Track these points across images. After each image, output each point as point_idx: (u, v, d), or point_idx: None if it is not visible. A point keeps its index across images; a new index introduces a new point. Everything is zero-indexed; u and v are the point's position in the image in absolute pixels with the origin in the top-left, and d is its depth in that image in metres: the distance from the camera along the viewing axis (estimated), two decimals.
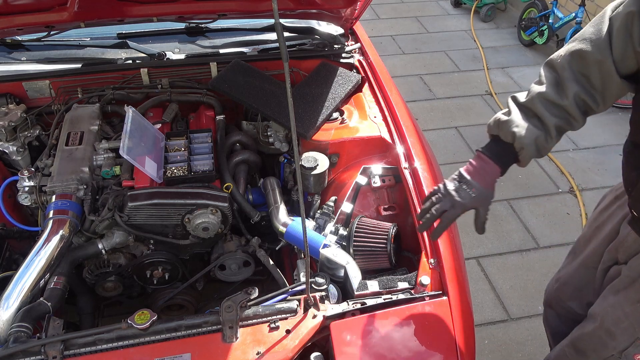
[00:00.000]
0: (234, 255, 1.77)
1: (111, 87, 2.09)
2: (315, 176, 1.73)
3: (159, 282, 1.83)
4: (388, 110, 1.96)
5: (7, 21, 1.88)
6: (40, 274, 1.47)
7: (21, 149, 1.95)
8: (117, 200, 1.67)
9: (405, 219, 1.70)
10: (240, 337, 1.30)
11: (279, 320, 1.34)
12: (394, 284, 1.45)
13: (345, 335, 1.30)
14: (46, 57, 2.23)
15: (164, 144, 1.87)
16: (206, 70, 2.17)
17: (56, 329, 1.31)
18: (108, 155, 1.83)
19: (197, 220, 1.66)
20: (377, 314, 1.35)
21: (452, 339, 1.31)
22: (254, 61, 2.17)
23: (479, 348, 2.42)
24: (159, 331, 1.30)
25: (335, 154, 1.86)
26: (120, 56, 2.25)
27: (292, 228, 1.65)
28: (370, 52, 2.26)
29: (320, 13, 2.18)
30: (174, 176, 1.76)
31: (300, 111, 1.90)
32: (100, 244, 1.69)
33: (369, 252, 1.54)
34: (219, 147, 1.91)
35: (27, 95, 2.08)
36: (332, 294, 1.44)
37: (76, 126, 1.89)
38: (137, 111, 1.85)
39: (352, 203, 1.71)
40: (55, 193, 1.66)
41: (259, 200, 1.89)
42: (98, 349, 1.28)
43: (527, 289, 2.83)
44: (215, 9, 2.09)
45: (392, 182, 1.76)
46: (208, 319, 1.33)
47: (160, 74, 2.14)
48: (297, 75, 2.22)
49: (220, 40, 2.41)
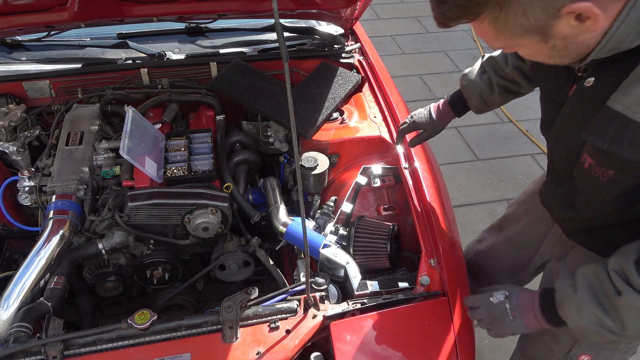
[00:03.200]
0: (234, 255, 1.77)
1: (111, 87, 2.09)
2: (315, 176, 1.73)
3: (159, 282, 1.83)
4: (388, 110, 1.96)
5: (7, 21, 1.88)
6: (40, 274, 1.47)
7: (21, 149, 1.95)
8: (117, 200, 1.67)
9: (405, 219, 1.70)
10: (240, 337, 1.30)
11: (279, 320, 1.34)
12: (394, 284, 1.45)
13: (345, 335, 1.30)
14: (46, 57, 2.23)
15: (164, 144, 1.87)
16: (206, 70, 2.17)
17: (56, 329, 1.31)
18: (108, 155, 1.83)
19: (197, 220, 1.67)
20: (377, 314, 1.35)
21: (452, 339, 1.31)
22: (254, 61, 2.17)
23: (479, 348, 2.42)
24: (159, 331, 1.30)
25: (335, 154, 1.86)
26: (120, 56, 2.25)
27: (292, 228, 1.65)
28: (370, 52, 2.26)
29: (320, 13, 2.17)
30: (174, 176, 1.76)
31: (300, 111, 1.90)
32: (100, 244, 1.68)
33: (369, 252, 1.54)
34: (219, 147, 1.91)
35: (27, 95, 2.08)
36: (332, 294, 1.44)
37: (76, 126, 1.89)
38: (137, 111, 1.86)
39: (352, 203, 1.71)
40: (55, 193, 1.66)
41: (259, 200, 1.89)
42: (98, 349, 1.28)
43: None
44: (215, 9, 2.09)
45: (392, 182, 1.76)
46: (208, 319, 1.33)
47: (160, 74, 2.14)
48: (297, 75, 2.22)
49: (220, 40, 2.41)
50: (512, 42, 0.93)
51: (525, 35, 0.88)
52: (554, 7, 0.81)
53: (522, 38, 0.90)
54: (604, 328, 1.03)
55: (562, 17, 0.82)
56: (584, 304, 1.05)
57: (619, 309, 1.00)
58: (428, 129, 1.64)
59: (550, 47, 0.91)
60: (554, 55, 0.93)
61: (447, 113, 1.62)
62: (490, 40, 0.95)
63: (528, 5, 0.82)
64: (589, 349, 1.39)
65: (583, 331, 1.08)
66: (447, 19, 0.89)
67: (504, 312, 1.21)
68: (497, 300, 1.23)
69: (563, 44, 0.89)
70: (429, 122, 1.63)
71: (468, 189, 3.30)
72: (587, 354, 1.39)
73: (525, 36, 0.89)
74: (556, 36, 0.87)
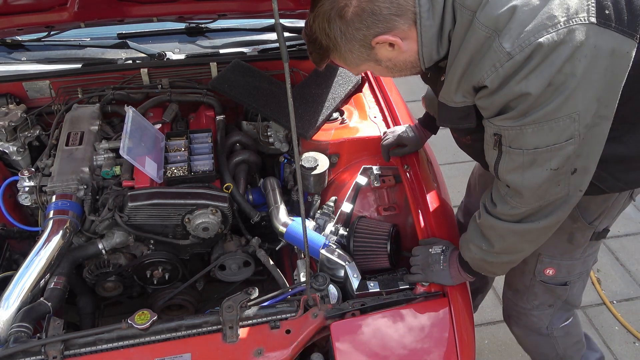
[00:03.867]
0: (234, 255, 1.77)
1: (111, 87, 2.08)
2: (315, 176, 1.73)
3: (159, 282, 1.83)
4: (388, 110, 1.96)
5: (7, 21, 1.88)
6: (40, 274, 1.47)
7: (21, 149, 1.95)
8: (117, 200, 1.67)
9: (405, 219, 1.71)
10: (240, 337, 1.30)
11: (279, 320, 1.34)
12: (394, 284, 1.45)
13: (345, 335, 1.30)
14: (46, 57, 2.23)
15: (164, 144, 1.87)
16: (206, 70, 2.17)
17: (56, 329, 1.31)
18: (108, 156, 1.83)
19: (197, 220, 1.66)
20: (377, 314, 1.35)
21: (452, 339, 1.31)
22: (254, 61, 2.17)
23: (479, 348, 2.42)
24: (159, 331, 1.30)
25: (335, 154, 1.86)
26: (120, 56, 2.25)
27: (292, 228, 1.65)
28: None
29: None
30: (174, 176, 1.76)
31: (300, 111, 1.90)
32: (101, 244, 1.69)
33: (369, 252, 1.54)
34: (219, 147, 1.91)
35: (27, 95, 2.08)
36: (332, 294, 1.44)
37: (76, 126, 1.89)
38: (137, 111, 1.86)
39: (352, 203, 1.71)
40: (55, 193, 1.66)
41: (259, 200, 1.89)
42: (98, 349, 1.28)
43: None
44: (215, 9, 2.09)
45: (392, 182, 1.76)
46: (208, 319, 1.33)
47: (160, 74, 2.14)
48: (297, 75, 2.22)
49: (220, 40, 2.41)
50: (360, 69, 1.26)
51: (364, 62, 1.21)
52: (367, 42, 1.13)
53: (364, 65, 1.22)
54: (483, 251, 1.31)
55: (377, 47, 1.14)
56: (469, 238, 1.35)
57: (483, 231, 1.31)
58: (411, 144, 1.76)
59: (385, 68, 1.22)
60: (394, 72, 1.24)
61: (424, 132, 1.79)
62: (347, 69, 1.28)
63: (350, 46, 1.15)
64: (549, 263, 1.58)
65: (474, 261, 1.36)
66: (316, 62, 1.25)
67: (437, 261, 1.42)
68: (435, 252, 1.45)
69: (392, 63, 1.20)
70: (414, 138, 1.76)
71: None
72: (550, 267, 1.59)
73: (365, 63, 1.21)
74: (383, 59, 1.19)
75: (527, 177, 1.14)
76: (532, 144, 1.09)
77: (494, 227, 1.27)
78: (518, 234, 1.25)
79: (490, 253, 1.31)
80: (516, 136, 1.09)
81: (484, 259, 1.33)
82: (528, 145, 1.09)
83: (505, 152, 1.14)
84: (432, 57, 1.16)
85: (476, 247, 1.33)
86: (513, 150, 1.12)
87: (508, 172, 1.16)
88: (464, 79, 1.12)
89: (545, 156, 1.10)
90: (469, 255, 1.36)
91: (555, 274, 1.60)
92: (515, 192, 1.18)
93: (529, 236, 1.27)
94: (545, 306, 1.71)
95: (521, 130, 1.07)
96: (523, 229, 1.24)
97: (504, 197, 1.22)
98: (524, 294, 1.71)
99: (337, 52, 1.18)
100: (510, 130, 1.09)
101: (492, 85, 1.06)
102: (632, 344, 2.53)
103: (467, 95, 1.15)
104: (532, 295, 1.69)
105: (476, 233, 1.33)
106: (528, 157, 1.11)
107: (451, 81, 1.16)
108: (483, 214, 1.30)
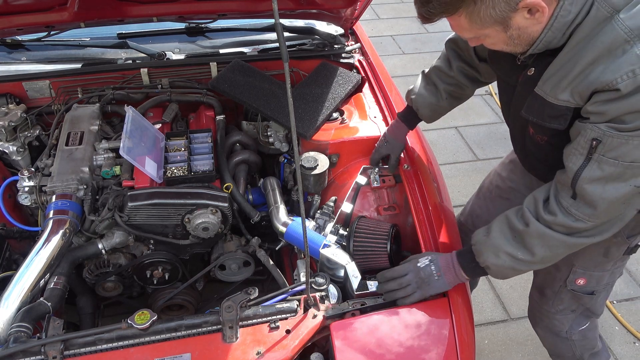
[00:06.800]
0: (234, 255, 1.77)
1: (111, 87, 2.09)
2: (315, 176, 1.73)
3: (159, 282, 1.83)
4: (388, 110, 1.96)
5: (7, 21, 1.88)
6: (40, 274, 1.47)
7: (21, 149, 1.95)
8: (117, 200, 1.67)
9: (405, 219, 1.71)
10: (240, 337, 1.30)
11: (279, 320, 1.34)
12: None
13: (345, 335, 1.30)
14: (46, 57, 2.23)
15: (164, 144, 1.87)
16: (206, 70, 2.17)
17: (56, 329, 1.31)
18: (108, 155, 1.83)
19: (197, 220, 1.67)
20: (377, 314, 1.35)
21: (452, 338, 1.31)
22: (254, 61, 2.17)
23: (479, 348, 2.43)
24: (159, 331, 1.30)
25: (335, 154, 1.86)
26: (120, 56, 2.25)
27: (292, 228, 1.65)
28: (370, 52, 2.27)
29: (320, 13, 2.18)
30: (174, 176, 1.76)
31: (300, 111, 1.90)
32: (100, 244, 1.68)
33: (369, 252, 1.54)
34: (219, 147, 1.91)
35: (27, 95, 2.08)
36: (332, 294, 1.44)
37: (76, 126, 1.89)
38: (137, 111, 1.86)
39: (352, 203, 1.71)
40: (55, 193, 1.66)
41: (259, 200, 1.89)
42: (98, 349, 1.28)
43: (527, 288, 2.80)
44: (215, 9, 2.09)
45: (392, 182, 1.76)
46: (208, 319, 1.33)
47: (160, 74, 2.14)
48: (297, 75, 2.22)
49: (220, 40, 2.41)
50: (480, 32, 1.14)
51: (492, 25, 1.09)
52: (514, 1, 1.03)
53: (489, 28, 1.11)
54: (516, 261, 1.26)
55: (519, 10, 1.05)
56: (499, 245, 1.28)
57: (526, 239, 1.24)
58: (390, 151, 1.76)
59: (508, 37, 1.13)
60: (511, 44, 1.16)
61: (400, 128, 1.76)
62: (463, 32, 1.16)
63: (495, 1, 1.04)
64: (582, 274, 1.57)
65: (501, 269, 1.30)
66: (431, 15, 1.10)
67: (430, 273, 1.37)
68: (423, 264, 1.39)
69: (517, 33, 1.11)
70: (388, 145, 1.76)
71: (468, 189, 3.29)
72: (582, 277, 1.58)
73: (492, 26, 1.10)
74: (513, 27, 1.10)
75: (607, 190, 1.10)
76: (631, 156, 1.06)
77: (543, 237, 1.22)
78: (568, 247, 1.22)
79: (524, 262, 1.26)
80: (619, 145, 1.05)
81: (514, 267, 1.28)
82: (626, 157, 1.06)
83: (595, 160, 1.10)
84: (550, 43, 1.11)
85: (509, 255, 1.27)
86: (606, 160, 1.08)
87: (590, 181, 1.12)
88: (580, 77, 1.07)
89: (635, 172, 1.08)
90: (497, 263, 1.29)
91: (585, 284, 1.59)
92: (587, 205, 1.14)
93: (577, 248, 1.24)
94: (568, 311, 1.72)
95: (627, 140, 1.04)
96: (575, 243, 1.20)
97: (568, 209, 1.17)
98: (550, 298, 1.71)
99: (473, 5, 1.06)
100: (616, 138, 1.05)
101: (625, 90, 1.01)
102: (632, 344, 2.54)
103: (576, 97, 1.11)
104: (558, 301, 1.69)
105: (513, 241, 1.27)
106: (619, 169, 1.08)
107: (563, 77, 1.11)
108: (533, 222, 1.23)
